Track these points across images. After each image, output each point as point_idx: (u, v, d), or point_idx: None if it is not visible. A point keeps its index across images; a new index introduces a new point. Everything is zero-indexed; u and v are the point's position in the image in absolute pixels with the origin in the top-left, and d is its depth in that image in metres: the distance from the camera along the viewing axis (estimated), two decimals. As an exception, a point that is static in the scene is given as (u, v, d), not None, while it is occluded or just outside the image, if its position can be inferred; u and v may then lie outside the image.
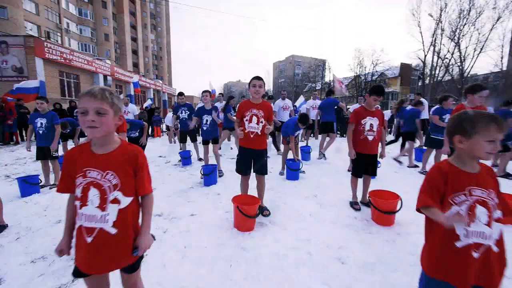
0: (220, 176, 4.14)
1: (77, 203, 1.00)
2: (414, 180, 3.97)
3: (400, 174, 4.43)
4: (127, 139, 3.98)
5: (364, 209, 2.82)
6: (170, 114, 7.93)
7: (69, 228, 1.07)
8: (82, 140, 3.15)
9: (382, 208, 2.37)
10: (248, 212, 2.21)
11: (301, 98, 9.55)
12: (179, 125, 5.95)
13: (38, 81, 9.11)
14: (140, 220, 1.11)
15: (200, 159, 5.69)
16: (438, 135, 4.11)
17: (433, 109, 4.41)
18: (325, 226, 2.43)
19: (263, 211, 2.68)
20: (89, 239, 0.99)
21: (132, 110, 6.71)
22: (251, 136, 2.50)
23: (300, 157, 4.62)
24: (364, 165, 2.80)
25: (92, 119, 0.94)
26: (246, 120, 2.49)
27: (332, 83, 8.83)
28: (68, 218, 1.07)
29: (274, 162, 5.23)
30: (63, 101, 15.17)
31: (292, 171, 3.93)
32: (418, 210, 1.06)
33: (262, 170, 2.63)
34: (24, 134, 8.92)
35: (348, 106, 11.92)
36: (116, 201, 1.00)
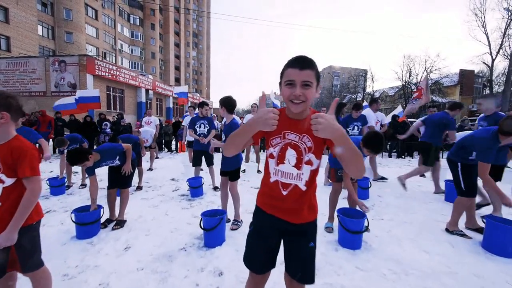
0: (234, 229, 2.71)
1: None
2: None
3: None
4: (107, 169, 2.87)
5: None
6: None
7: None
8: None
9: None
10: None
11: (399, 108, 7.73)
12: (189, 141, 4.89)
13: (97, 90, 9.25)
14: None
15: (215, 188, 4.43)
16: None
17: None
18: None
19: None
20: None
21: (154, 120, 6.99)
22: (283, 191, 1.04)
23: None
24: None
25: None
26: (272, 156, 1.06)
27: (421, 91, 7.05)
28: None
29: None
30: (108, 113, 15.87)
31: (348, 233, 2.28)
32: None
33: (304, 273, 1.08)
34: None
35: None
36: None
